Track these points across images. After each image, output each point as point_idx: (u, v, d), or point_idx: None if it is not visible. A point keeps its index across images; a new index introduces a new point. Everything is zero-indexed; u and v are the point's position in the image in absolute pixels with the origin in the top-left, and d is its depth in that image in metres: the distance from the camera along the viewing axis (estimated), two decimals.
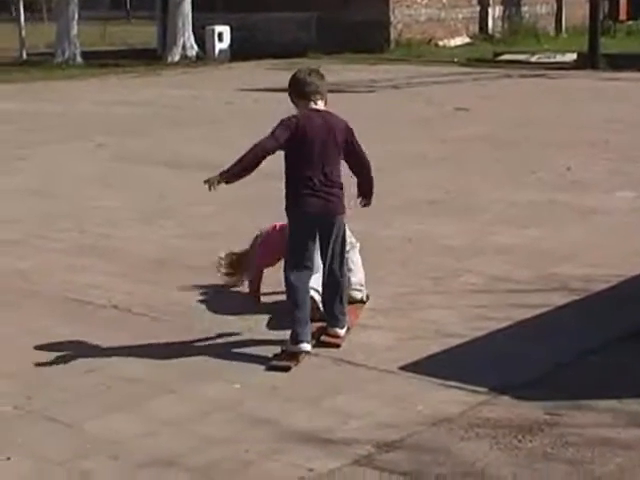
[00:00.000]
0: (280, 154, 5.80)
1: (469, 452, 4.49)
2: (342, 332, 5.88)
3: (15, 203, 10.07)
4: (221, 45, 28.20)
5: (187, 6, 27.93)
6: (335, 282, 5.83)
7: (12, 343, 6.04)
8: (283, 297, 6.64)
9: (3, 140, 14.20)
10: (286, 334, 5.83)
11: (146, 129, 15.25)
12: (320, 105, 5.76)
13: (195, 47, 28.16)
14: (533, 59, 25.65)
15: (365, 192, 5.94)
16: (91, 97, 20.04)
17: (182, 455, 4.53)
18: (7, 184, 11.02)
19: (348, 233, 6.32)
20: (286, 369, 5.50)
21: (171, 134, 14.80)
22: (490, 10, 32.17)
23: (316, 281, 5.95)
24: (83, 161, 12.49)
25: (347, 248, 6.02)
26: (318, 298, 6.01)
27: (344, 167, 5.85)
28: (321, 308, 6.04)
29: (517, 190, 10.17)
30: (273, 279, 7.16)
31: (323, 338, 5.85)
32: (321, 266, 5.87)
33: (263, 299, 6.67)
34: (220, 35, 28.21)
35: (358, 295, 6.38)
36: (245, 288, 6.90)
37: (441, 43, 30.32)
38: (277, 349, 5.74)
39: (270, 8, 29.70)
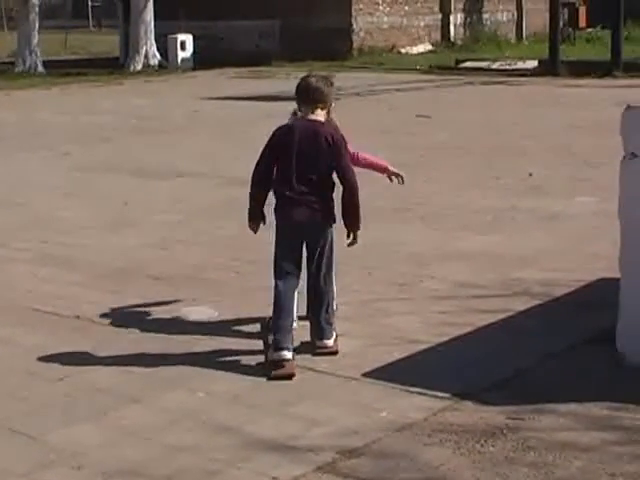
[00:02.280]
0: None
1: (432, 457, 4.51)
2: (330, 342, 5.84)
3: None
4: (184, 54, 28.16)
5: (149, 14, 27.85)
6: (321, 292, 5.81)
7: None
8: (246, 306, 6.68)
9: None
10: (249, 343, 5.84)
11: (110, 138, 15.20)
12: (318, 114, 5.75)
13: (157, 56, 28.10)
14: (494, 66, 25.83)
15: (348, 222, 5.76)
16: (53, 106, 19.97)
17: (147, 465, 4.52)
18: None
19: None
20: (289, 377, 5.45)
21: (135, 143, 14.77)
22: (452, 17, 32.37)
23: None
24: (46, 170, 12.42)
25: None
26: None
27: None
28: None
29: (480, 196, 10.24)
30: (237, 288, 7.19)
31: (316, 352, 5.79)
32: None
33: (226, 310, 6.68)
34: (183, 44, 28.17)
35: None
36: (207, 299, 6.91)
37: (403, 50, 30.47)
38: (240, 357, 5.75)
39: (233, 16, 29.71)
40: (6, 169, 12.58)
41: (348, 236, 5.85)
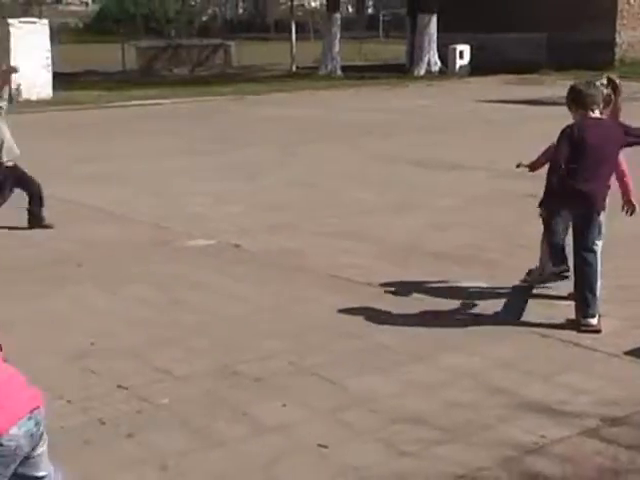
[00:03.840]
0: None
1: None
2: (594, 321, 5.68)
3: (286, 192, 10.37)
4: (461, 62, 28.04)
5: (433, 27, 27.96)
6: (585, 272, 5.71)
7: (284, 309, 6.23)
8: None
9: (276, 139, 14.63)
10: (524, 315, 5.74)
11: (397, 133, 15.33)
12: (596, 113, 5.77)
13: (438, 63, 28.10)
14: None
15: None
16: (349, 104, 20.35)
17: (428, 415, 4.55)
18: (280, 176, 11.35)
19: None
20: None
21: (419, 137, 14.83)
22: None
23: None
24: (342, 159, 12.69)
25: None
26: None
27: None
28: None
29: None
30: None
31: (581, 329, 5.66)
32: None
33: (503, 287, 6.60)
34: (461, 53, 28.07)
35: None
36: (483, 275, 6.86)
37: None
38: (513, 328, 5.69)
39: (506, 30, 29.23)
40: (310, 157, 12.93)
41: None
